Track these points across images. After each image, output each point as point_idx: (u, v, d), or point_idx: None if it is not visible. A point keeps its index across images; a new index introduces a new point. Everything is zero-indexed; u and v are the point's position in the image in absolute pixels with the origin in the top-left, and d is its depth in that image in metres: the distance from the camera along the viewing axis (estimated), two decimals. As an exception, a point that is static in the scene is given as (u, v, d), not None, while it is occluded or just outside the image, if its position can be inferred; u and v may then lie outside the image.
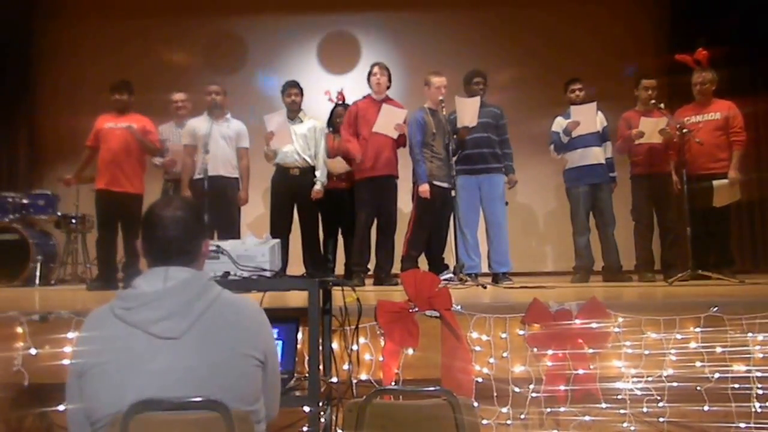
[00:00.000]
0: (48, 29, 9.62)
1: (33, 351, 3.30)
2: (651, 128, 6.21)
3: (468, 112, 6.11)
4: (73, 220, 7.89)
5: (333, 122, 6.86)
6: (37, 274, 7.24)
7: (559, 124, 6.60)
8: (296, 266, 6.02)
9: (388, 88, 6.47)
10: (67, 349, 3.22)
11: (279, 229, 6.24)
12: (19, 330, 3.35)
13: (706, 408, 3.27)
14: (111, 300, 1.93)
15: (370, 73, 6.45)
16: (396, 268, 6.26)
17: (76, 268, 7.99)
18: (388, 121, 6.16)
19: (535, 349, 3.37)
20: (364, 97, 6.51)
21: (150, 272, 1.96)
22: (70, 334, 3.26)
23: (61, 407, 3.01)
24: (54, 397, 3.13)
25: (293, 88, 6.62)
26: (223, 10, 9.56)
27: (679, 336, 3.36)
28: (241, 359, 1.91)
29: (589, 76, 6.93)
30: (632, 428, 3.30)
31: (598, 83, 7.24)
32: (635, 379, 3.32)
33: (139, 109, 6.61)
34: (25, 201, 7.71)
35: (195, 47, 9.53)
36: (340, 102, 6.92)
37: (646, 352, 3.34)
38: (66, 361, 3.10)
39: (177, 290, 1.89)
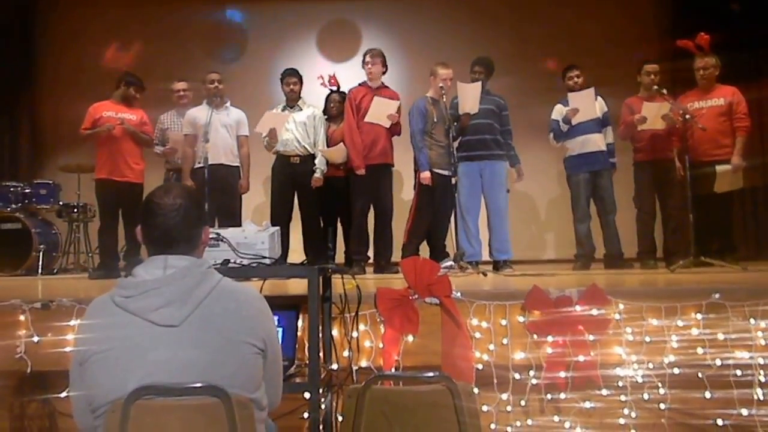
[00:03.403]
0: (49, 18, 9.61)
1: (35, 338, 3.32)
2: (653, 113, 6.18)
3: (469, 98, 6.12)
4: (75, 210, 7.90)
5: (327, 109, 6.78)
6: (40, 263, 7.24)
7: (558, 111, 6.58)
8: (297, 254, 6.02)
9: (383, 73, 6.45)
10: (69, 336, 3.24)
11: (279, 217, 6.24)
12: (22, 318, 3.37)
13: (707, 395, 3.27)
14: (112, 288, 1.94)
15: (363, 61, 6.45)
16: (396, 255, 6.26)
17: (78, 257, 8.00)
18: (380, 112, 6.18)
19: (536, 336, 3.37)
20: (360, 84, 6.49)
21: (150, 260, 1.97)
22: (73, 322, 3.28)
23: (63, 394, 3.04)
24: (56, 384, 3.16)
25: (292, 77, 6.59)
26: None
27: (680, 323, 3.35)
28: (240, 347, 1.92)
29: (590, 61, 6.91)
30: (633, 415, 3.30)
31: (600, 69, 7.22)
32: (636, 366, 3.32)
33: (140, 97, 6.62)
34: (27, 190, 7.71)
35: (195, 36, 9.49)
36: (334, 88, 6.87)
37: (648, 338, 3.33)
38: (68, 349, 3.12)
39: (176, 278, 1.90)
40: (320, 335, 2.98)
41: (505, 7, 9.32)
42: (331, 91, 6.83)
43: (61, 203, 7.91)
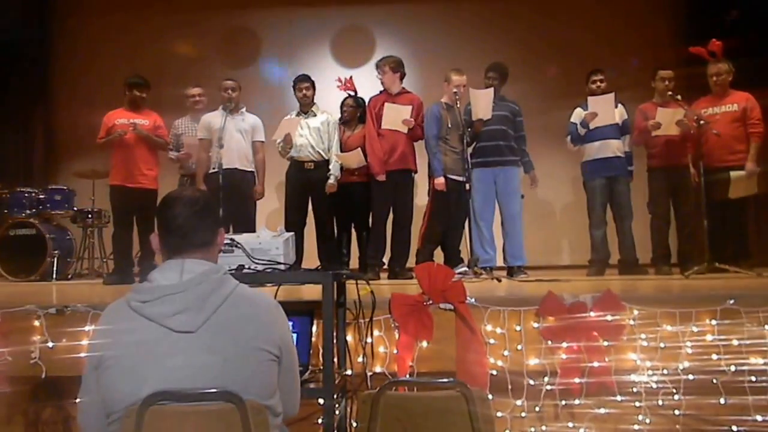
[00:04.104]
0: (63, 26, 9.69)
1: (50, 344, 3.33)
2: (668, 119, 6.16)
3: (482, 104, 6.09)
4: (89, 215, 7.93)
5: (341, 114, 6.78)
6: (54, 268, 7.27)
7: (578, 114, 6.55)
8: (311, 260, 6.02)
9: (401, 79, 6.45)
10: (84, 342, 3.25)
11: (293, 222, 6.27)
12: (37, 323, 3.39)
13: (722, 401, 3.25)
14: (127, 293, 1.94)
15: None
16: (411, 261, 6.26)
17: (92, 263, 8.03)
18: (394, 118, 6.18)
19: (550, 342, 3.36)
20: (381, 92, 6.50)
21: (166, 265, 1.97)
22: (87, 327, 3.29)
23: (77, 399, 3.05)
24: (71, 389, 3.17)
25: (304, 83, 6.61)
26: (237, 4, 9.58)
27: (695, 329, 3.34)
28: (256, 353, 1.92)
29: (604, 67, 6.87)
30: (647, 421, 3.29)
31: (614, 75, 7.19)
32: (651, 372, 3.30)
33: (153, 103, 6.64)
34: (41, 196, 7.74)
35: (209, 41, 9.54)
36: (352, 92, 6.87)
37: (662, 344, 3.32)
38: (83, 354, 3.13)
39: (193, 284, 1.90)
40: (334, 341, 2.98)
41: (519, 14, 9.31)
42: (348, 96, 6.83)
43: (75, 209, 7.93)
